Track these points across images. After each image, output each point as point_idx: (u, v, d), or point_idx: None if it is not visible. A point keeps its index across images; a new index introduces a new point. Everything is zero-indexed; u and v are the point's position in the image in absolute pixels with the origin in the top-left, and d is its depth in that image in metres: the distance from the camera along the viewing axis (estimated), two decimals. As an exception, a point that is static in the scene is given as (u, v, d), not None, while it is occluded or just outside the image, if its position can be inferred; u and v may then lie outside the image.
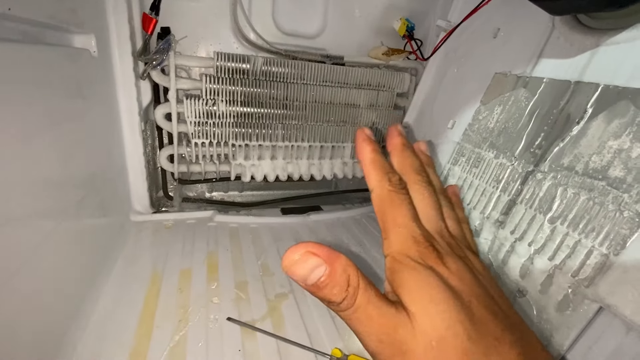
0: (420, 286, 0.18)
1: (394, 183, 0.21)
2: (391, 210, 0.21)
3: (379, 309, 0.17)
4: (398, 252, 0.20)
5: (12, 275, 0.28)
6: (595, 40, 0.41)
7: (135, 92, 0.59)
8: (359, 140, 0.23)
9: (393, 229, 0.20)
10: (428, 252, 0.20)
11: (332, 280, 0.17)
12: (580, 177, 0.39)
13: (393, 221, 0.20)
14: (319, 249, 0.17)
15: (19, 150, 0.30)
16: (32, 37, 0.35)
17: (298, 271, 0.17)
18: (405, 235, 0.20)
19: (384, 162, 0.22)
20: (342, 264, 0.17)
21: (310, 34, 0.74)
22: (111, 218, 0.55)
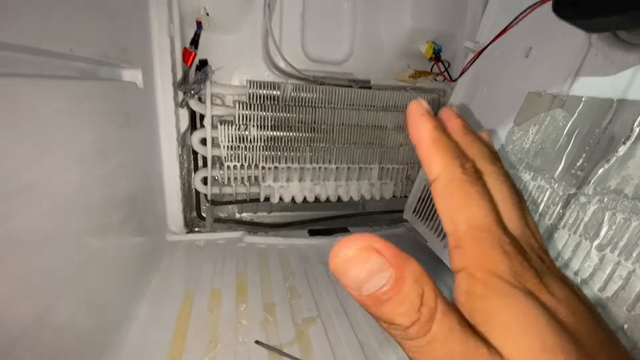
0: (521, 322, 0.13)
1: (469, 170, 0.15)
2: (467, 206, 0.15)
3: (465, 344, 0.12)
4: (481, 268, 0.14)
5: (61, 291, 0.30)
6: (637, 56, 0.39)
7: (174, 119, 0.63)
8: (415, 115, 0.16)
9: (471, 234, 0.14)
10: (525, 271, 0.14)
11: (399, 293, 0.12)
12: (631, 201, 0.36)
13: (469, 222, 0.14)
14: (385, 247, 0.12)
15: (74, 174, 0.33)
16: (88, 73, 0.39)
17: (352, 272, 0.12)
18: (490, 242, 0.14)
19: (451, 143, 0.16)
20: (414, 272, 0.12)
21: (337, 59, 0.77)
22: (149, 237, 0.58)
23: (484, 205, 0.15)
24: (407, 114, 0.16)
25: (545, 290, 0.14)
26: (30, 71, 0.28)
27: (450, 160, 0.15)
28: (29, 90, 0.27)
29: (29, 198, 0.26)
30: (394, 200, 0.85)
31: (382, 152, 0.78)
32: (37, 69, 0.29)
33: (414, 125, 0.16)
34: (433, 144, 0.16)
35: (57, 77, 0.31)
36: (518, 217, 0.16)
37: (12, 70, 0.26)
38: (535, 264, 0.15)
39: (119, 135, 0.44)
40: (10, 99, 0.25)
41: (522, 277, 0.13)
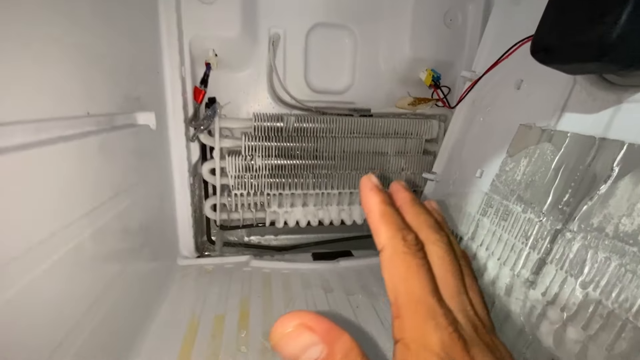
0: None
1: (410, 242, 0.17)
2: (406, 278, 0.16)
3: None
4: (414, 340, 0.15)
5: (88, 309, 0.35)
6: (617, 96, 0.40)
7: (186, 152, 0.68)
8: (365, 190, 0.18)
9: (408, 306, 0.16)
10: (453, 342, 0.15)
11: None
12: (611, 240, 0.36)
13: (408, 294, 0.16)
14: (317, 323, 0.14)
15: (92, 219, 0.38)
16: (105, 124, 0.44)
17: (288, 348, 0.14)
18: (424, 315, 0.15)
19: (397, 217, 0.18)
20: (344, 347, 0.14)
21: (339, 89, 0.80)
22: (161, 263, 0.62)
23: (421, 278, 0.16)
24: (359, 187, 0.19)
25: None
26: (48, 136, 0.33)
27: (394, 233, 0.17)
28: (49, 154, 0.32)
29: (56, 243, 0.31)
30: (397, 223, 0.86)
31: (385, 177, 0.80)
32: (57, 132, 0.34)
33: (365, 197, 0.18)
34: (381, 216, 0.17)
35: (75, 137, 0.36)
36: (455, 286, 0.17)
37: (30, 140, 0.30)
38: (466, 334, 0.16)
39: (133, 175, 0.49)
40: (33, 164, 0.30)
41: (450, 349, 0.15)
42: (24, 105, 0.29)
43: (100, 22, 0.40)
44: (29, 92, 0.29)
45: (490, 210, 0.56)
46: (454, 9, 0.76)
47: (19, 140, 0.28)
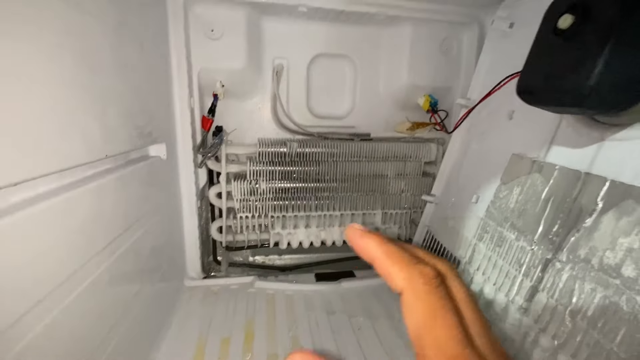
0: None
1: (429, 277, 0.15)
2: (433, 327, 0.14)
3: None
4: None
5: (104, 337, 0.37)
6: (600, 134, 0.43)
7: (194, 178, 0.71)
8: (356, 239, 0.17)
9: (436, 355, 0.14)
10: None
11: None
12: (596, 272, 0.38)
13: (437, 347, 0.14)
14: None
15: (106, 254, 0.41)
16: (121, 160, 0.48)
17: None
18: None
19: (404, 252, 0.16)
20: None
21: (340, 114, 0.84)
22: (170, 284, 0.65)
23: (450, 324, 0.14)
24: (348, 240, 0.17)
25: None
26: (70, 180, 0.36)
27: (410, 271, 0.15)
28: (70, 199, 0.35)
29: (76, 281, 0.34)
30: (398, 243, 0.88)
31: (385, 199, 0.83)
32: (78, 176, 0.37)
33: (360, 247, 0.17)
34: (387, 258, 0.16)
35: (94, 179, 0.39)
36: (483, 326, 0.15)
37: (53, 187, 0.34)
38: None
39: (145, 205, 0.52)
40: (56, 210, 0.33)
41: None
42: (50, 155, 0.32)
43: (119, 66, 0.44)
44: (56, 142, 0.32)
45: (486, 236, 0.58)
46: (449, 39, 0.80)
47: (43, 189, 0.31)
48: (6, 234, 0.26)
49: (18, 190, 0.28)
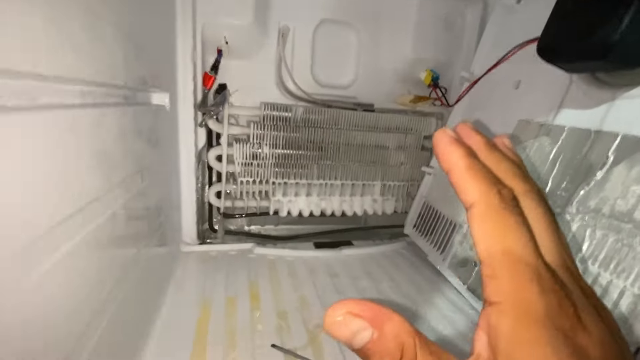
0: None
1: (506, 197, 0.15)
2: (504, 235, 0.14)
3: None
4: (515, 306, 0.13)
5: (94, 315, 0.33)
6: (611, 94, 0.45)
7: (193, 137, 0.68)
8: (441, 145, 0.16)
9: (507, 266, 0.14)
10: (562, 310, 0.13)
11: (380, 348, 0.13)
12: (607, 219, 0.41)
13: (507, 252, 0.14)
14: (364, 310, 0.14)
15: (120, 192, 0.38)
16: (129, 98, 0.44)
17: (340, 334, 0.14)
18: (527, 277, 0.13)
19: (485, 169, 0.15)
20: (394, 328, 0.13)
21: (343, 84, 0.83)
22: (166, 248, 0.62)
23: (521, 235, 0.14)
24: (433, 143, 0.16)
25: (582, 331, 0.13)
26: (95, 101, 0.33)
27: (488, 187, 0.15)
28: (93, 117, 0.32)
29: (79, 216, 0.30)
30: (395, 215, 0.89)
31: (384, 170, 0.84)
32: (101, 99, 0.34)
33: (444, 153, 0.16)
34: (467, 171, 0.15)
35: (113, 105, 0.36)
36: (556, 243, 0.15)
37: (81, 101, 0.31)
38: (576, 298, 0.14)
39: (152, 154, 0.49)
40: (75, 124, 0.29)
41: (558, 318, 0.13)
42: (73, 68, 0.29)
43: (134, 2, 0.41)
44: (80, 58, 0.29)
45: (490, 199, 0.60)
46: (453, 13, 0.81)
47: (69, 100, 0.28)
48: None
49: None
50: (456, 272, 0.63)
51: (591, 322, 0.13)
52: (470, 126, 0.18)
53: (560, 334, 0.12)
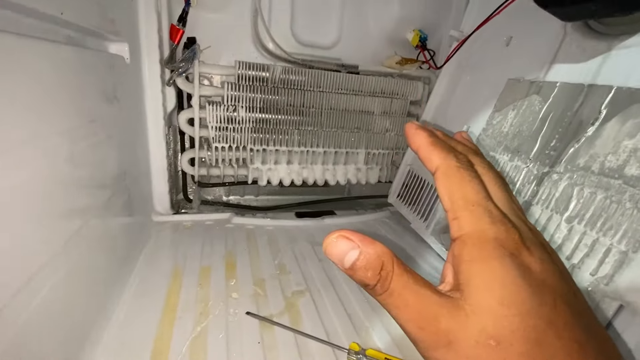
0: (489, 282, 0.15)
1: (462, 159, 0.19)
2: (461, 186, 0.18)
3: (417, 294, 0.16)
4: (471, 236, 0.16)
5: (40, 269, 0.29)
6: (607, 45, 0.42)
7: (161, 98, 0.62)
8: (411, 131, 0.20)
9: (465, 207, 0.17)
10: (509, 234, 0.16)
11: (366, 264, 0.16)
12: (597, 177, 0.39)
13: (464, 198, 0.17)
14: (353, 235, 0.17)
15: (65, 141, 0.33)
16: (75, 41, 0.38)
17: (334, 251, 0.17)
18: (480, 213, 0.17)
19: (445, 143, 0.20)
20: (377, 250, 0.16)
21: (326, 44, 0.77)
22: (135, 217, 0.57)
23: (475, 185, 0.18)
24: (405, 133, 0.21)
25: (526, 250, 0.16)
26: (19, 31, 0.28)
27: (446, 154, 0.19)
28: (20, 49, 0.26)
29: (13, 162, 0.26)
30: (379, 185, 0.87)
31: (369, 137, 0.80)
32: (26, 30, 0.29)
33: (413, 137, 0.20)
34: (430, 144, 0.19)
35: (47, 40, 0.30)
36: (504, 196, 0.19)
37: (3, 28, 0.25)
38: (522, 230, 0.17)
39: (108, 108, 0.44)
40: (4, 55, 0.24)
41: (505, 241, 0.16)
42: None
43: None
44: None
45: (476, 163, 0.58)
46: (443, -33, 0.76)
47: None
48: None
49: None
50: (439, 238, 0.62)
51: (533, 245, 0.17)
52: (432, 128, 0.22)
53: (507, 252, 0.16)
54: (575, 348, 0.15)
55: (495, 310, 0.15)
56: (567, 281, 0.17)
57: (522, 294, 0.15)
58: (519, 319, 0.15)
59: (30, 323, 0.27)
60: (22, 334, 0.26)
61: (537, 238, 0.18)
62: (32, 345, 0.28)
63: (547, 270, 0.16)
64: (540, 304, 0.15)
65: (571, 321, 0.15)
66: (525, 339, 0.14)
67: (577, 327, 0.15)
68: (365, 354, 0.38)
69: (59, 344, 0.32)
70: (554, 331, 0.15)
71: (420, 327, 0.16)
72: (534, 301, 0.15)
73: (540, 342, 0.14)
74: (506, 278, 0.15)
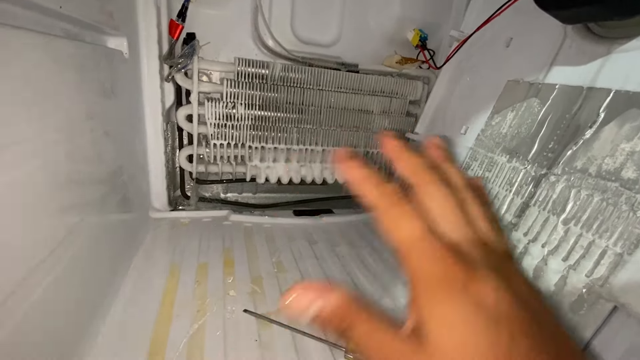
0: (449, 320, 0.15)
1: (388, 196, 0.18)
2: (396, 229, 0.17)
3: (382, 338, 0.16)
4: (419, 279, 0.17)
5: (37, 266, 0.29)
6: (606, 48, 0.43)
7: (159, 93, 0.62)
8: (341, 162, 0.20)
9: (409, 248, 0.17)
10: (455, 269, 0.16)
11: (328, 314, 0.16)
12: (594, 179, 0.39)
13: (406, 238, 0.17)
14: (311, 287, 0.17)
15: (63, 136, 0.32)
16: (73, 35, 0.38)
17: (295, 311, 0.17)
18: (420, 255, 0.17)
19: (370, 174, 0.19)
20: (337, 297, 0.16)
21: (326, 42, 0.77)
22: (132, 214, 0.57)
23: (408, 221, 0.17)
24: (334, 161, 0.20)
25: (476, 282, 0.16)
26: (17, 24, 0.27)
27: (374, 193, 0.18)
28: (17, 42, 0.26)
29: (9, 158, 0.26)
30: (376, 184, 0.87)
31: (368, 137, 0.80)
32: (25, 23, 0.28)
33: (346, 172, 0.20)
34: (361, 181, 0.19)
35: (45, 33, 0.30)
36: (456, 219, 0.18)
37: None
38: (469, 257, 0.17)
39: (106, 103, 0.43)
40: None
41: (453, 277, 0.16)
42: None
43: None
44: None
45: (475, 164, 0.58)
46: (444, -32, 0.76)
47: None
48: None
49: None
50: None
51: (485, 274, 0.16)
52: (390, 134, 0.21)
53: (456, 290, 0.15)
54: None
55: (452, 354, 0.15)
56: (527, 306, 0.16)
57: (478, 332, 0.15)
58: (477, 358, 0.14)
59: (28, 320, 0.27)
60: (19, 331, 0.26)
61: (491, 260, 0.17)
62: (29, 341, 0.28)
63: (502, 300, 0.16)
64: (497, 341, 0.14)
65: (535, 350, 0.15)
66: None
67: (542, 354, 0.15)
68: (362, 353, 0.38)
69: (56, 340, 0.32)
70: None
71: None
72: (489, 339, 0.14)
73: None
74: (461, 318, 0.15)
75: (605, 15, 0.40)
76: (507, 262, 0.19)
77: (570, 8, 0.39)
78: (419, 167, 0.20)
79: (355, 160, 0.20)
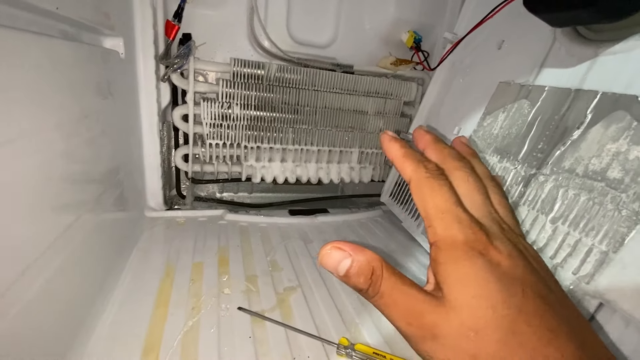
0: (463, 279, 0.17)
1: (431, 169, 0.20)
2: (431, 196, 0.19)
3: (404, 294, 0.18)
4: (443, 241, 0.18)
5: (32, 264, 0.29)
6: (593, 50, 0.44)
7: (155, 93, 0.62)
8: (385, 142, 0.22)
9: (436, 215, 0.19)
10: (476, 236, 0.18)
11: (358, 270, 0.18)
12: (581, 179, 0.40)
13: (435, 207, 0.19)
14: (346, 245, 0.18)
15: (60, 135, 0.33)
16: (70, 36, 0.38)
17: (329, 261, 0.18)
18: (449, 221, 0.19)
19: (416, 153, 0.22)
20: (367, 257, 0.18)
21: (321, 43, 0.78)
22: (128, 213, 0.57)
23: (444, 193, 0.20)
24: (380, 142, 0.23)
25: (494, 249, 0.18)
26: (14, 25, 0.28)
27: (416, 165, 0.21)
28: (14, 42, 0.27)
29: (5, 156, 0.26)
30: (372, 184, 0.88)
31: (363, 137, 0.81)
32: (21, 24, 0.29)
33: (387, 148, 0.22)
34: (402, 156, 0.21)
35: (41, 34, 0.30)
36: (480, 199, 0.21)
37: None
38: (488, 229, 0.19)
39: (102, 103, 0.44)
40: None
41: (474, 242, 0.18)
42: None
43: None
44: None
45: (467, 164, 0.59)
46: (439, -30, 0.77)
47: None
48: None
49: None
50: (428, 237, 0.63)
51: (502, 243, 0.19)
52: (424, 128, 0.24)
53: (476, 252, 0.18)
54: (546, 334, 0.16)
55: (470, 304, 0.16)
56: (538, 273, 0.18)
57: (491, 287, 0.16)
58: (491, 310, 0.16)
59: (22, 317, 0.28)
60: (13, 330, 0.27)
61: (507, 236, 0.20)
62: (24, 339, 0.28)
63: (516, 265, 0.18)
64: (509, 295, 0.16)
65: (542, 308, 0.16)
66: (498, 328, 0.16)
67: (548, 314, 0.16)
68: (354, 349, 0.39)
69: (50, 338, 0.33)
70: (524, 319, 0.16)
71: (408, 323, 0.17)
72: (503, 293, 0.16)
73: (513, 330, 0.16)
74: (476, 275, 0.17)
75: (594, 19, 0.40)
76: (523, 240, 0.21)
77: (559, 11, 0.39)
78: (449, 156, 0.22)
79: (399, 140, 0.22)
